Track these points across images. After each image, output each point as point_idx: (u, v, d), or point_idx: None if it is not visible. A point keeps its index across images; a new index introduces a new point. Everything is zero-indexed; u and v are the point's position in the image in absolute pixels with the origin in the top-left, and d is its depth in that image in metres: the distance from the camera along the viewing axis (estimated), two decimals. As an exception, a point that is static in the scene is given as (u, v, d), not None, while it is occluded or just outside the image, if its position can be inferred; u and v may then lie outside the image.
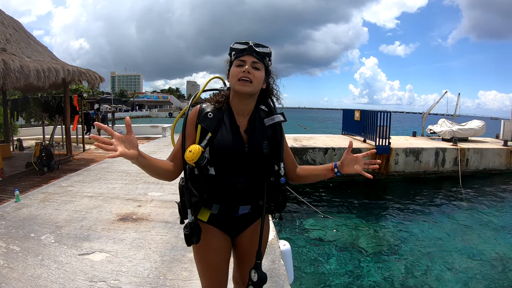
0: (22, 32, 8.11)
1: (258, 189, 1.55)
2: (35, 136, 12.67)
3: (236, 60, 1.46)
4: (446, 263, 5.51)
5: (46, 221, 4.17)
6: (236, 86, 1.45)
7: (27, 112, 10.89)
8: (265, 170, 1.55)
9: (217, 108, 1.51)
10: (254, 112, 1.57)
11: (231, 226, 1.57)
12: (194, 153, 1.34)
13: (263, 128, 1.55)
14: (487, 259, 5.71)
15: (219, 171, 1.47)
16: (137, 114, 65.83)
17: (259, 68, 1.46)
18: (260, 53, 1.47)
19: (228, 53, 1.53)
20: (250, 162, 1.49)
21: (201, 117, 1.48)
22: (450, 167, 10.96)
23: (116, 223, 4.12)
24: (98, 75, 9.09)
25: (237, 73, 1.43)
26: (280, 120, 1.57)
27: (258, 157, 1.50)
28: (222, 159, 1.46)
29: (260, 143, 1.51)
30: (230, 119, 1.51)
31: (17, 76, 6.33)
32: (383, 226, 7.21)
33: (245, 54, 1.45)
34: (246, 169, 1.50)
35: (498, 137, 13.93)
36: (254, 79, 1.43)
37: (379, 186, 10.13)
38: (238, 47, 1.47)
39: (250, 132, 1.52)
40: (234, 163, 1.47)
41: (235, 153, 1.46)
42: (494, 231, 7.01)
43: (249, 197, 1.54)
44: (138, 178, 6.43)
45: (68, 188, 5.79)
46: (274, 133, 1.57)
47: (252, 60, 1.45)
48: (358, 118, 11.98)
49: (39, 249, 3.38)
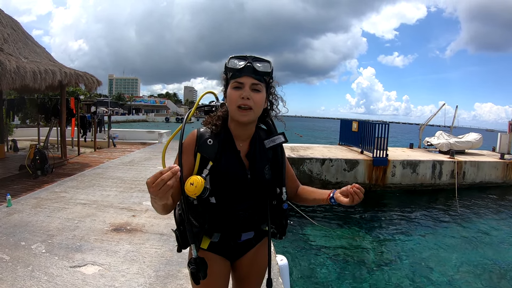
0: (20, 32, 8.01)
1: (261, 214, 1.47)
2: (30, 137, 12.53)
3: (233, 81, 1.31)
4: (442, 275, 5.49)
5: (37, 228, 4.06)
6: (235, 115, 1.33)
7: (23, 113, 10.79)
8: (267, 194, 1.47)
9: (215, 132, 1.39)
10: (254, 134, 1.46)
11: (232, 251, 1.49)
12: (197, 186, 1.20)
13: (263, 151, 1.46)
14: (483, 271, 5.69)
15: (220, 200, 1.37)
16: (133, 118, 65.58)
17: (259, 89, 1.33)
18: (260, 72, 1.32)
19: (224, 71, 1.38)
20: (253, 189, 1.40)
21: (200, 144, 1.36)
22: (447, 179, 10.96)
23: (110, 233, 4.01)
24: (96, 78, 9.02)
25: (236, 98, 1.30)
26: (281, 142, 1.47)
27: (261, 183, 1.42)
28: (225, 188, 1.36)
29: (262, 168, 1.42)
30: (230, 145, 1.39)
31: (13, 77, 6.23)
32: (380, 237, 7.14)
33: (243, 75, 1.30)
34: (248, 195, 1.41)
35: (495, 150, 13.99)
36: (254, 105, 1.31)
37: (376, 198, 10.07)
38: (235, 66, 1.31)
39: (252, 157, 1.42)
40: (236, 191, 1.38)
41: (238, 181, 1.37)
42: (490, 244, 6.99)
43: (252, 224, 1.46)
44: (133, 185, 6.32)
45: (61, 194, 5.67)
46: (275, 155, 1.48)
47: (251, 82, 1.30)
48: (356, 129, 11.96)
49: (29, 259, 3.28)
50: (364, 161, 10.12)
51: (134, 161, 9.13)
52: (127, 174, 7.34)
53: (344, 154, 10.73)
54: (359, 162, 10.08)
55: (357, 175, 10.08)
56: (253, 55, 1.33)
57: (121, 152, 11.12)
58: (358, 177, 10.07)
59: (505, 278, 5.56)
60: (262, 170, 1.42)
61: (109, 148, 12.12)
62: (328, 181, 9.90)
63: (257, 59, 1.33)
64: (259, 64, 1.32)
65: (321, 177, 9.85)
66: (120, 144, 12.96)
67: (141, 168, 8.20)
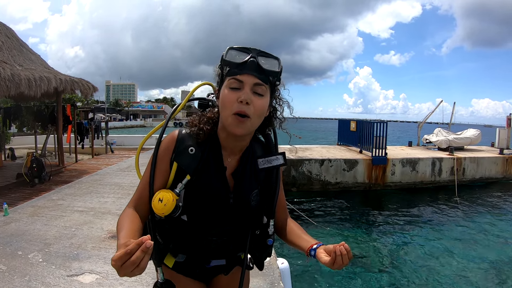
0: (15, 40, 7.98)
1: (237, 243, 1.23)
2: (28, 145, 12.47)
3: (231, 78, 1.03)
4: (445, 274, 5.45)
5: (34, 237, 4.01)
6: (228, 123, 1.04)
7: (20, 121, 10.74)
8: (250, 223, 1.21)
9: (200, 139, 1.12)
10: (248, 148, 1.18)
11: (201, 274, 1.26)
12: (167, 205, 1.01)
13: (254, 171, 1.18)
14: (487, 268, 5.66)
15: (193, 219, 1.13)
16: (131, 124, 65.53)
17: (262, 93, 1.04)
18: (266, 71, 1.03)
19: (219, 65, 1.09)
20: (233, 214, 1.16)
21: (179, 151, 1.10)
22: (447, 176, 10.96)
23: (107, 241, 3.96)
24: (91, 85, 8.97)
25: (231, 102, 1.01)
26: (278, 164, 1.18)
27: (244, 210, 1.17)
28: (200, 209, 1.12)
29: (248, 193, 1.16)
30: (216, 158, 1.13)
31: (7, 84, 6.20)
32: (381, 238, 7.10)
33: (244, 72, 1.01)
34: (226, 221, 1.16)
35: (494, 145, 13.99)
36: (253, 113, 1.02)
37: (376, 197, 10.05)
38: (234, 59, 1.03)
39: (239, 177, 1.16)
40: (213, 214, 1.13)
41: (217, 204, 1.12)
42: (493, 240, 6.97)
43: (225, 252, 1.23)
44: (131, 191, 6.24)
45: (59, 201, 5.61)
46: (268, 178, 1.21)
47: (253, 82, 1.02)
48: (354, 129, 11.93)
49: (26, 268, 3.22)
50: (363, 161, 10.09)
51: (132, 166, 9.07)
52: (125, 180, 7.29)
53: (343, 154, 10.70)
54: (358, 161, 10.05)
55: (356, 174, 10.04)
56: (258, 49, 1.05)
57: (119, 158, 11.07)
58: (357, 177, 10.04)
59: (510, 274, 5.51)
60: (249, 196, 1.16)
61: (106, 154, 12.06)
62: (328, 182, 9.86)
63: (263, 54, 1.05)
64: (265, 61, 1.04)
65: (320, 178, 9.81)
66: (117, 150, 12.91)
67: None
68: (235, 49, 1.05)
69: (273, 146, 1.23)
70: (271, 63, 1.05)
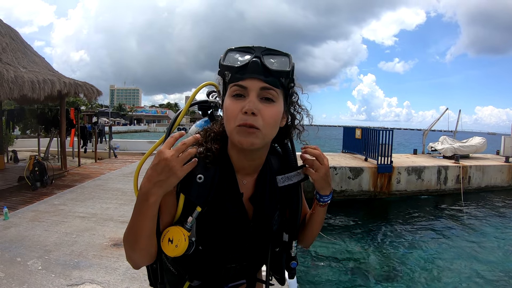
0: (19, 42, 7.97)
1: (258, 264, 1.10)
2: (31, 148, 12.44)
3: (232, 85, 0.86)
4: (450, 282, 5.38)
5: (34, 243, 3.93)
6: (234, 137, 0.86)
7: (23, 123, 10.73)
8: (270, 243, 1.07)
9: (209, 163, 0.92)
10: (264, 165, 1.01)
11: None
12: (179, 246, 0.86)
13: (274, 190, 1.02)
14: (493, 277, 5.58)
15: (209, 249, 0.97)
16: (135, 128, 65.81)
17: (272, 97, 0.86)
18: (274, 72, 0.85)
19: (218, 71, 0.91)
20: (253, 241, 1.01)
21: (185, 181, 0.88)
22: (452, 185, 10.83)
23: (109, 249, 3.86)
24: (96, 88, 8.93)
25: (235, 113, 0.84)
26: (299, 180, 1.03)
27: (265, 235, 1.03)
28: (215, 241, 0.96)
29: (270, 218, 1.02)
30: (230, 183, 0.95)
31: (10, 86, 6.18)
32: (387, 246, 6.98)
33: (247, 76, 0.84)
34: (245, 246, 1.01)
35: (499, 153, 13.87)
36: (263, 124, 0.84)
37: (381, 205, 9.92)
38: (234, 63, 0.86)
39: (258, 202, 0.99)
40: (232, 243, 0.99)
41: (235, 233, 0.97)
42: (499, 249, 6.87)
43: (244, 275, 1.08)
44: (133, 198, 5.96)
45: (60, 206, 5.53)
46: (287, 196, 1.05)
47: (260, 87, 0.84)
48: (359, 136, 11.81)
49: (24, 276, 3.14)
50: (369, 169, 9.96)
51: (135, 172, 9.00)
52: (128, 186, 7.20)
53: (348, 162, 10.58)
54: (364, 169, 9.92)
55: (361, 182, 9.91)
56: (262, 46, 0.87)
57: (122, 163, 11.00)
58: (363, 185, 9.91)
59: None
60: (271, 221, 1.02)
61: (110, 159, 12.00)
62: (333, 190, 9.69)
63: (269, 52, 0.87)
64: (273, 60, 0.87)
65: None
66: (121, 155, 12.85)
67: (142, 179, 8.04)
68: (234, 50, 0.89)
69: (292, 159, 1.05)
70: (280, 62, 0.87)
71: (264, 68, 0.84)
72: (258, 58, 0.84)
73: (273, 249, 1.08)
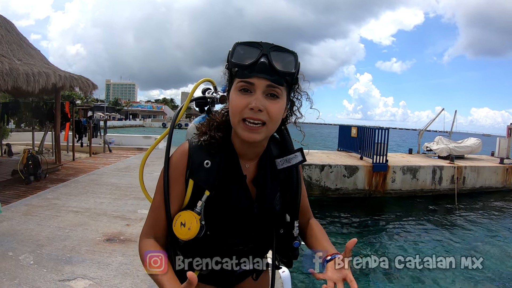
0: (15, 34, 7.88)
1: (264, 246, 1.17)
2: (26, 142, 12.34)
3: (240, 80, 0.92)
4: (443, 281, 5.41)
5: (26, 237, 3.89)
6: (239, 131, 0.95)
7: (18, 117, 10.63)
8: (275, 224, 1.15)
9: (213, 148, 1.01)
10: (264, 150, 1.10)
11: (226, 281, 1.15)
12: (192, 228, 0.93)
13: (274, 174, 1.10)
14: (485, 276, 5.62)
15: (216, 232, 1.04)
16: (130, 123, 65.58)
17: (277, 94, 0.93)
18: (280, 72, 0.91)
19: (226, 65, 0.98)
20: (258, 222, 1.09)
21: (194, 167, 0.99)
22: (447, 185, 10.86)
23: (102, 244, 3.82)
24: (91, 82, 8.85)
25: (241, 107, 0.91)
26: (298, 162, 1.09)
27: (269, 216, 1.11)
28: (223, 223, 1.04)
29: (272, 198, 1.09)
30: (234, 167, 1.03)
31: (5, 79, 6.12)
32: (381, 245, 7.03)
33: (254, 75, 0.90)
34: (251, 228, 1.09)
35: (494, 155, 13.96)
36: (269, 119, 0.93)
37: (376, 204, 9.94)
38: (243, 59, 0.91)
39: (260, 183, 1.08)
40: (238, 225, 1.06)
41: (241, 215, 1.05)
42: (492, 250, 6.93)
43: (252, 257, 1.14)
44: (127, 193, 6.13)
45: (54, 200, 5.48)
46: (288, 179, 1.13)
47: (266, 84, 0.90)
48: (355, 135, 11.82)
49: (16, 271, 3.10)
50: (364, 167, 9.98)
51: (130, 167, 8.95)
52: (123, 181, 7.16)
53: (344, 160, 10.59)
54: (359, 168, 9.94)
55: (356, 181, 9.93)
56: (270, 43, 0.92)
57: (117, 157, 10.94)
58: (358, 184, 9.93)
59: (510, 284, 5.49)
60: (273, 201, 1.09)
61: (104, 153, 11.93)
62: (328, 188, 9.73)
63: (276, 49, 0.92)
64: (280, 59, 0.92)
65: (320, 184, 9.69)
66: (116, 150, 12.78)
67: (137, 174, 7.88)
68: (243, 45, 0.93)
69: (290, 143, 1.13)
70: (286, 62, 0.93)
71: (272, 68, 0.90)
72: (266, 56, 0.90)
73: (277, 231, 1.14)
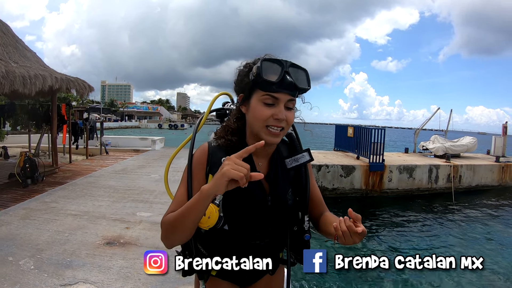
0: (11, 36, 7.82)
1: (279, 242, 1.28)
2: (22, 144, 12.28)
3: (266, 94, 1.07)
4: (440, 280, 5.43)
5: (26, 242, 3.88)
6: (263, 135, 1.10)
7: (14, 119, 10.57)
8: (288, 220, 1.27)
9: (230, 149, 1.15)
10: (274, 150, 1.24)
11: (243, 278, 1.29)
12: (211, 217, 1.02)
13: (285, 172, 1.24)
14: (482, 274, 5.59)
15: (234, 227, 1.18)
16: (126, 125, 65.20)
17: (292, 107, 1.13)
18: (300, 89, 1.10)
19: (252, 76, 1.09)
20: (272, 216, 1.21)
21: (213, 163, 1.14)
22: (443, 183, 10.94)
23: (102, 247, 3.83)
24: (87, 84, 8.82)
25: (266, 117, 1.08)
26: (305, 161, 1.24)
27: (283, 210, 1.22)
28: (241, 216, 1.17)
29: (284, 193, 1.22)
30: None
31: (1, 81, 6.09)
32: (379, 245, 7.04)
33: (280, 90, 1.07)
34: (267, 223, 1.21)
35: (489, 153, 14.06)
36: (286, 126, 1.12)
37: (373, 204, 9.99)
38: (270, 77, 1.05)
39: (273, 180, 1.21)
40: (254, 218, 1.19)
41: (257, 208, 1.17)
42: (489, 248, 6.99)
43: (269, 252, 1.24)
44: (126, 195, 6.13)
45: (52, 204, 5.47)
46: (297, 176, 1.26)
47: (287, 99, 1.09)
48: (351, 135, 11.87)
49: (17, 276, 3.10)
50: (361, 167, 10.03)
51: (127, 169, 8.94)
52: (120, 183, 7.15)
53: (340, 160, 10.64)
54: (356, 167, 9.99)
55: (353, 181, 9.98)
56: (287, 60, 1.08)
57: (114, 159, 10.92)
58: (354, 183, 9.98)
59: (508, 281, 5.53)
60: (285, 196, 1.22)
61: (101, 155, 11.90)
62: (325, 188, 9.77)
63: (293, 65, 1.09)
64: (298, 77, 1.09)
65: (317, 184, 9.69)
66: (112, 151, 12.74)
67: (134, 176, 8.01)
68: (268, 61, 1.07)
69: (297, 144, 1.30)
70: (302, 78, 1.10)
71: (295, 86, 1.07)
72: (287, 73, 1.06)
73: (291, 229, 1.27)
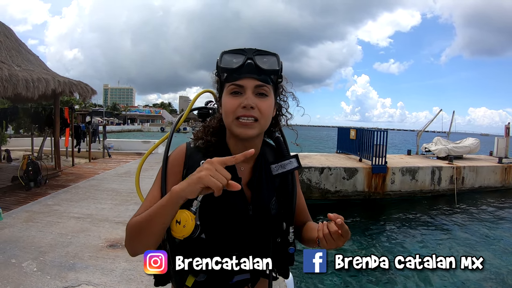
0: (14, 40, 7.88)
1: (260, 254, 1.07)
2: (25, 147, 12.33)
3: (230, 84, 1.00)
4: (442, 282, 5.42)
5: (29, 244, 3.88)
6: (234, 128, 1.00)
7: (17, 122, 10.62)
8: (271, 232, 1.13)
9: (209, 151, 1.06)
10: (259, 154, 1.12)
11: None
12: (187, 226, 0.90)
13: (270, 178, 1.11)
14: (486, 276, 5.61)
15: (211, 236, 1.04)
16: (128, 128, 65.48)
17: (266, 93, 1.01)
18: (266, 71, 1.00)
19: (215, 72, 1.06)
20: (253, 226, 1.07)
21: (190, 166, 1.03)
22: (446, 185, 10.93)
23: (105, 250, 3.83)
24: (90, 88, 8.86)
25: (234, 107, 0.98)
26: (292, 168, 1.11)
27: (264, 220, 1.09)
28: (218, 225, 1.04)
29: (268, 202, 1.09)
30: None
31: (4, 85, 6.13)
32: (382, 247, 7.04)
33: (243, 76, 0.99)
34: (247, 233, 1.07)
35: (492, 154, 14.03)
36: (260, 115, 0.99)
37: (376, 206, 9.96)
38: (230, 65, 1.00)
39: (255, 186, 1.08)
40: (233, 229, 1.05)
41: (236, 217, 1.05)
42: (492, 248, 6.96)
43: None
44: (129, 198, 6.14)
45: (54, 207, 5.48)
46: (283, 184, 1.14)
47: (254, 84, 0.99)
48: (354, 137, 11.86)
49: (20, 278, 3.10)
50: (363, 169, 10.01)
51: (129, 172, 8.95)
52: (123, 186, 7.16)
53: (343, 162, 10.62)
54: (358, 170, 9.97)
55: (356, 183, 9.96)
56: (253, 48, 1.01)
57: (116, 162, 10.93)
58: (357, 186, 9.96)
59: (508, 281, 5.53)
60: (268, 205, 1.09)
61: (104, 158, 11.91)
62: (327, 190, 9.75)
63: (260, 53, 1.01)
64: (263, 61, 1.01)
65: (320, 186, 9.71)
66: (115, 155, 12.76)
67: (137, 179, 7.99)
68: (229, 53, 1.02)
69: (285, 149, 1.16)
70: (270, 62, 1.02)
71: (258, 68, 0.99)
72: (251, 59, 0.99)
73: (274, 240, 1.13)
